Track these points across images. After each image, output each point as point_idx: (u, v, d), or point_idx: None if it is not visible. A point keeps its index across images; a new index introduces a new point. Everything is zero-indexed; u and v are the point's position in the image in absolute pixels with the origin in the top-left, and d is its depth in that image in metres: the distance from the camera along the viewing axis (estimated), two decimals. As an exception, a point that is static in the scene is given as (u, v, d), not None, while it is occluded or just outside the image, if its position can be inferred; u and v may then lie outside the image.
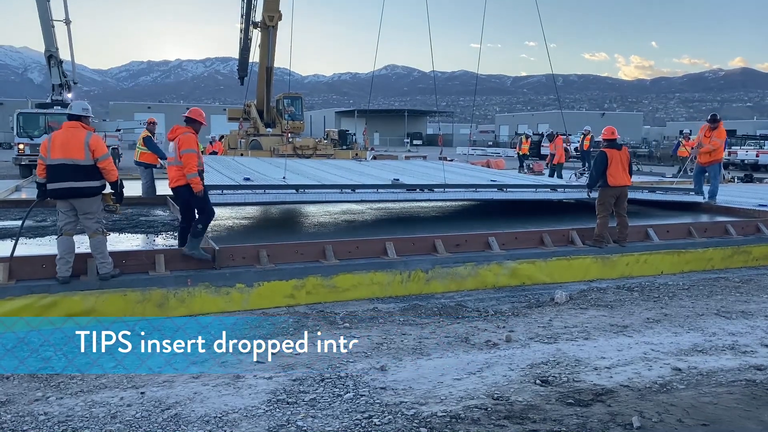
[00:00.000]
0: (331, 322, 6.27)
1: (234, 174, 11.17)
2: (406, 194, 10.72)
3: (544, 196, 12.03)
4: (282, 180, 10.77)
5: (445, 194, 11.21)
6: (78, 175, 6.26)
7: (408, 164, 16.81)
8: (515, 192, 11.49)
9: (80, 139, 6.33)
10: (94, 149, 6.34)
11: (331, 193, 10.04)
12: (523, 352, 5.45)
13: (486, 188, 11.37)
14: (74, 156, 6.25)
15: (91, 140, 6.36)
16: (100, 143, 6.47)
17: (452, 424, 3.97)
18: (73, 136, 6.34)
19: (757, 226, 10.29)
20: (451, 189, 11.12)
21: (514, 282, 8.25)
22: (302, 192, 9.84)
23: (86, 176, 6.31)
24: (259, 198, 9.55)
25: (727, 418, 4.12)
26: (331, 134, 37.40)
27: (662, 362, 5.23)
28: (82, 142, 6.31)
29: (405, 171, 14.29)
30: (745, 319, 6.56)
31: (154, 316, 6.52)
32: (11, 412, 4.12)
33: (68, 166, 6.24)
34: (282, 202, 10.08)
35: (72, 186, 6.25)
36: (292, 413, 4.14)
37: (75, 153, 6.26)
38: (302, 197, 9.97)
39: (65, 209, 6.37)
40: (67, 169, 6.24)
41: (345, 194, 10.11)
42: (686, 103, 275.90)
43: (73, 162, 6.25)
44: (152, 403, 4.29)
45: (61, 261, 6.31)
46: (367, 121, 63.86)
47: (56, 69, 25.26)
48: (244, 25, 28.58)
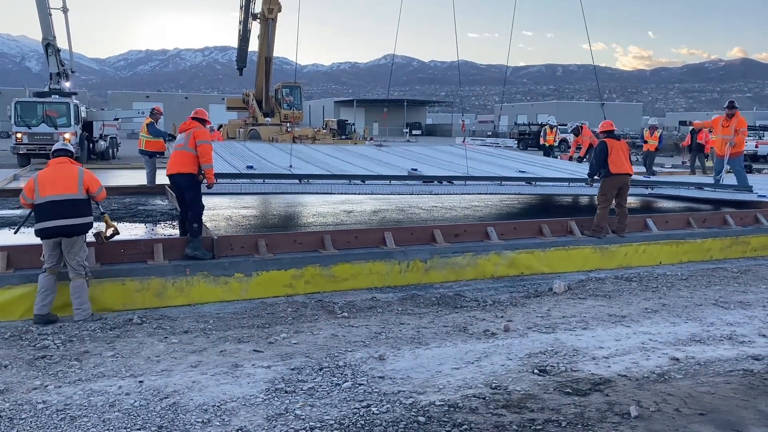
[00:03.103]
0: (329, 312, 6.27)
1: (238, 161, 10.49)
2: (422, 187, 9.79)
3: (578, 191, 10.95)
4: (288, 168, 10.02)
5: (466, 187, 10.04)
6: (72, 211, 6.01)
7: (431, 151, 15.45)
8: (546, 186, 10.59)
9: (73, 173, 6.15)
10: (89, 184, 6.17)
11: (338, 185, 9.20)
12: (522, 342, 5.45)
13: (513, 181, 10.31)
14: (68, 191, 6.04)
15: (85, 174, 6.20)
16: (94, 177, 6.31)
17: (450, 413, 3.98)
18: (64, 171, 6.15)
19: (756, 216, 10.29)
20: (473, 182, 10.05)
21: (513, 272, 8.25)
22: (306, 183, 9.04)
23: (80, 212, 6.07)
24: (258, 189, 8.97)
25: (725, 408, 4.13)
26: (330, 124, 37.36)
27: (660, 352, 5.24)
28: (75, 176, 6.12)
29: (427, 159, 13.17)
30: (743, 309, 6.57)
31: (152, 306, 6.53)
32: (9, 400, 4.12)
33: (62, 202, 5.98)
34: (284, 193, 9.37)
35: (66, 224, 5.96)
36: (290, 402, 4.14)
37: (68, 188, 6.05)
38: (305, 188, 9.11)
39: (51, 250, 6.01)
40: (60, 206, 5.96)
41: (354, 186, 9.26)
42: (686, 94, 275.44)
43: (67, 197, 6.01)
44: (151, 391, 4.29)
45: (39, 297, 5.90)
46: (387, 108, 63.38)
47: (54, 57, 25.13)
48: (243, 16, 28.45)
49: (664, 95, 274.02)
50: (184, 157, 7.22)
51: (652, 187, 10.91)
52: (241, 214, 11.59)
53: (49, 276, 6.00)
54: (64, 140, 9.04)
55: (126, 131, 49.28)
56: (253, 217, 11.70)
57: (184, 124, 7.49)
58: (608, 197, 8.91)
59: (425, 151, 15.38)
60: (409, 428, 3.77)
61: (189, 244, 7.03)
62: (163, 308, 6.50)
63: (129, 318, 5.97)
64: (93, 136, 26.06)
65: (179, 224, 8.03)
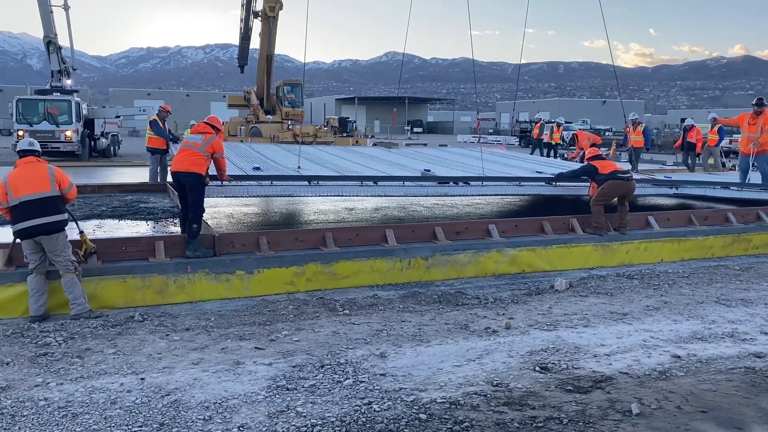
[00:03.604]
0: (330, 309, 6.27)
1: (244, 162, 10.40)
2: (438, 188, 9.50)
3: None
4: (296, 170, 9.86)
5: (484, 188, 9.76)
6: (49, 209, 5.95)
7: (443, 152, 15.19)
8: (567, 187, 10.18)
9: (44, 172, 6.09)
10: (61, 180, 6.12)
11: (349, 186, 8.92)
12: (523, 339, 5.45)
13: (532, 182, 10.06)
14: (41, 189, 5.98)
15: (55, 171, 6.15)
16: (64, 174, 6.26)
17: (451, 411, 3.98)
18: (35, 170, 6.10)
19: (758, 214, 10.28)
20: (490, 182, 9.75)
21: (514, 269, 8.24)
22: (315, 184, 8.74)
23: (57, 209, 6.01)
24: (266, 191, 8.63)
25: (726, 405, 4.13)
26: (331, 121, 37.31)
27: (662, 349, 5.23)
28: (46, 174, 6.07)
29: (438, 160, 13.01)
30: (744, 307, 6.56)
31: (154, 304, 6.53)
32: (11, 397, 4.12)
33: (38, 201, 5.92)
34: (292, 195, 8.97)
35: (44, 222, 5.90)
36: (291, 399, 4.15)
37: (42, 186, 5.99)
38: (315, 190, 8.79)
39: (31, 250, 5.97)
40: (36, 204, 5.91)
41: (365, 187, 8.99)
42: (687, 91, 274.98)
43: (41, 196, 5.96)
44: (152, 389, 4.29)
45: (32, 299, 5.91)
46: (396, 108, 63.33)
47: (55, 55, 25.12)
48: (244, 14, 28.36)
49: (666, 92, 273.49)
50: (196, 158, 7.23)
51: (677, 186, 10.63)
52: (243, 212, 11.60)
53: (37, 276, 5.98)
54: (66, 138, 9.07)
55: (127, 129, 49.33)
56: (255, 214, 11.71)
57: (198, 127, 7.67)
58: (607, 198, 8.93)
59: (436, 152, 15.13)
60: (410, 425, 3.77)
61: (188, 246, 6.98)
62: (164, 305, 6.50)
63: (130, 315, 5.97)
64: (94, 133, 26.06)
65: (180, 223, 8.03)
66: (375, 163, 11.87)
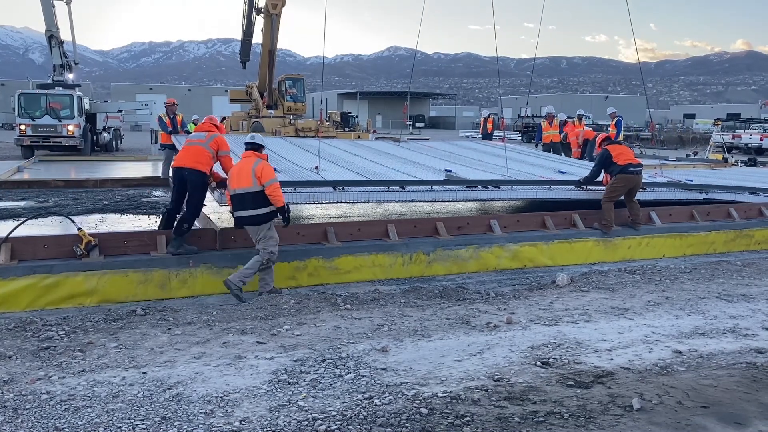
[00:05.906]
0: (332, 304, 6.28)
1: None
2: (467, 193, 9.02)
3: (638, 195, 9.44)
4: (314, 170, 9.36)
5: (514, 193, 9.36)
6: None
7: (454, 147, 14.54)
8: (599, 191, 9.41)
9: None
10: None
11: (377, 192, 8.43)
12: (524, 334, 5.45)
13: (563, 185, 9.60)
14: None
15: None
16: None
17: (453, 405, 3.98)
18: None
19: (760, 209, 10.26)
20: (520, 186, 9.37)
21: (516, 265, 8.25)
22: (341, 190, 8.16)
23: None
24: (289, 198, 7.38)
25: (727, 401, 4.13)
26: (333, 116, 37.28)
27: (663, 345, 5.23)
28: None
29: (453, 157, 12.41)
30: (746, 303, 6.56)
31: (156, 298, 6.55)
32: (14, 391, 4.13)
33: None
34: (317, 203, 8.26)
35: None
36: (293, 393, 4.15)
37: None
38: (342, 197, 8.15)
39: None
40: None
41: (393, 193, 8.49)
42: (690, 87, 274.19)
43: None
44: (154, 382, 4.30)
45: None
46: (408, 102, 63.20)
47: (57, 49, 25.13)
48: (247, 11, 28.31)
49: (669, 88, 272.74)
50: (202, 155, 7.17)
51: (707, 191, 10.37)
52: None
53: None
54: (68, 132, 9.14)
55: (129, 123, 49.31)
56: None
57: (203, 125, 7.73)
58: (618, 194, 8.90)
59: (447, 148, 14.63)
60: (411, 420, 3.78)
61: (173, 242, 6.89)
62: (166, 300, 6.52)
63: (132, 309, 5.98)
64: (96, 128, 26.07)
65: (164, 218, 7.80)
66: (391, 160, 11.40)
